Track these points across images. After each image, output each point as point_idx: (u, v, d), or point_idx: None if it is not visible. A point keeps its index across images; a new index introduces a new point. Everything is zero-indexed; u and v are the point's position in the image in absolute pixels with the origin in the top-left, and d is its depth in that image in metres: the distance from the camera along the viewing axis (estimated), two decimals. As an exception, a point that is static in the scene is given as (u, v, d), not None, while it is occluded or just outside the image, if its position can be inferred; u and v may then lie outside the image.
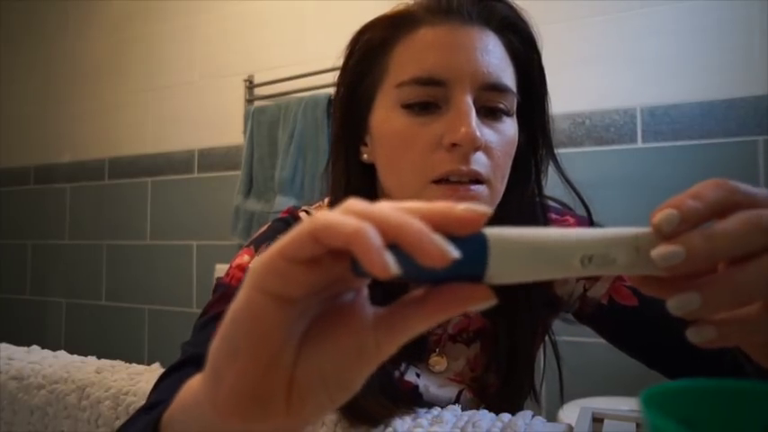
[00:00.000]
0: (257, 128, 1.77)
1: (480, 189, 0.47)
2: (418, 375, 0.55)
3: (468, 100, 0.46)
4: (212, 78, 1.98)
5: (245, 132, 1.81)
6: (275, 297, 0.22)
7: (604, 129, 1.36)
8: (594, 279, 0.56)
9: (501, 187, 0.50)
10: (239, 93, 1.88)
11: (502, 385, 0.55)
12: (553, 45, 1.61)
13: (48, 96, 2.35)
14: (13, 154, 2.43)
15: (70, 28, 2.33)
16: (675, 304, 0.24)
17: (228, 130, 1.91)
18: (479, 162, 0.46)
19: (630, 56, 1.36)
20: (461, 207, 0.21)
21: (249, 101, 1.86)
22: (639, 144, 1.33)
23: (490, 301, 0.23)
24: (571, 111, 1.38)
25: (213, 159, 1.95)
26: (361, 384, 0.24)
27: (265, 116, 1.77)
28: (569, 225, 0.58)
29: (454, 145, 0.45)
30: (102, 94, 2.22)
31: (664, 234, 0.23)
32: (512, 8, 0.52)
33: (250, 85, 1.87)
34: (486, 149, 0.47)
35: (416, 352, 0.55)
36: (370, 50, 0.51)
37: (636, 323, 0.54)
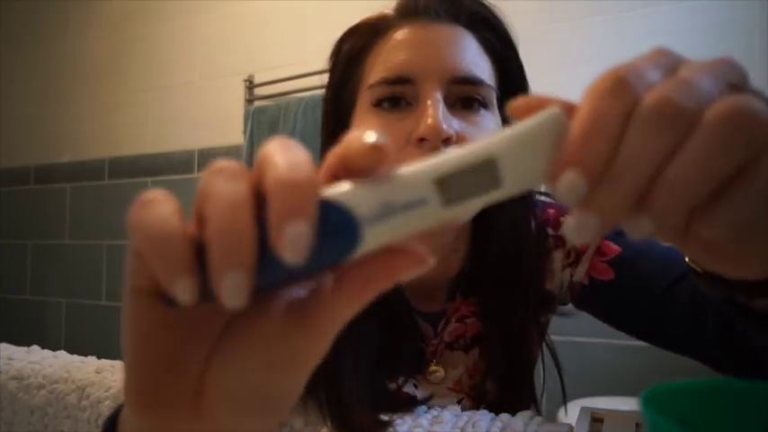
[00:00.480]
0: (257, 128, 1.77)
1: None
2: (416, 386, 0.54)
3: (436, 94, 0.45)
4: (212, 78, 1.98)
5: (245, 132, 1.81)
6: (139, 293, 0.19)
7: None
8: (576, 263, 0.55)
9: None
10: (239, 93, 1.88)
11: (501, 391, 0.54)
12: (553, 45, 1.60)
13: (48, 96, 2.35)
14: (14, 154, 2.43)
15: (70, 28, 2.33)
16: (631, 231, 0.19)
17: (228, 130, 1.91)
18: None
19: (631, 56, 1.36)
20: (355, 147, 0.18)
21: (249, 101, 1.86)
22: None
23: (430, 263, 0.19)
24: (571, 111, 1.38)
25: (213, 159, 1.95)
26: (289, 401, 0.21)
27: (265, 116, 1.77)
28: (550, 217, 0.57)
29: (422, 140, 0.44)
30: (102, 94, 2.22)
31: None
32: (482, 4, 0.52)
33: (250, 85, 1.87)
34: (462, 142, 0.45)
35: (414, 365, 0.55)
36: (349, 61, 0.52)
37: (616, 295, 0.53)
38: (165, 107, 2.06)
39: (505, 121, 0.51)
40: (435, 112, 0.44)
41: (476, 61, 0.48)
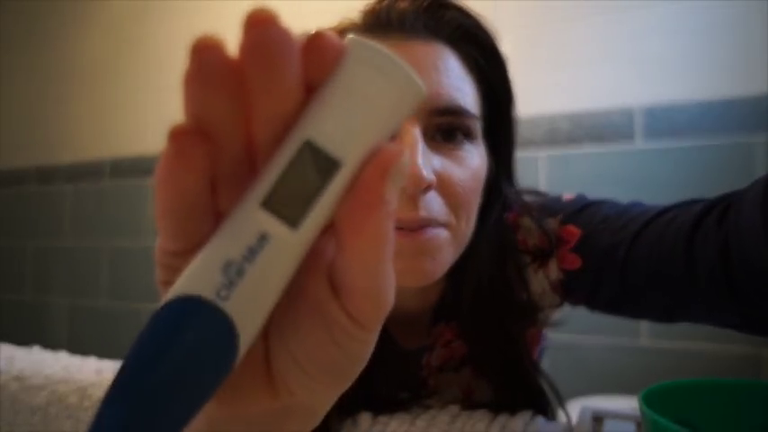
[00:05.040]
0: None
1: (437, 231, 0.41)
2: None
3: (415, 131, 0.40)
4: (212, 79, 1.98)
5: (245, 133, 1.81)
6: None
7: (604, 128, 1.36)
8: (545, 263, 0.52)
9: (466, 228, 0.44)
10: (239, 93, 1.88)
11: (500, 405, 0.52)
12: (553, 45, 1.60)
13: (48, 97, 2.36)
14: (14, 155, 2.44)
15: (70, 28, 2.33)
16: None
17: (228, 131, 1.91)
18: (432, 205, 0.40)
19: (630, 55, 1.36)
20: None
21: (249, 101, 1.86)
22: (639, 144, 1.33)
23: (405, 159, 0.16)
24: (571, 111, 1.38)
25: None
26: (355, 366, 0.19)
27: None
28: (509, 222, 0.54)
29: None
30: (102, 95, 2.22)
31: None
32: (468, 15, 0.46)
33: (250, 85, 1.87)
34: (444, 187, 0.41)
35: (409, 386, 0.54)
36: None
37: (590, 280, 0.50)
38: (166, 108, 2.06)
39: (494, 150, 0.48)
40: (414, 157, 0.38)
41: (459, 86, 0.43)
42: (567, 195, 0.54)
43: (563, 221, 0.51)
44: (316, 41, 0.16)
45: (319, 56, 0.16)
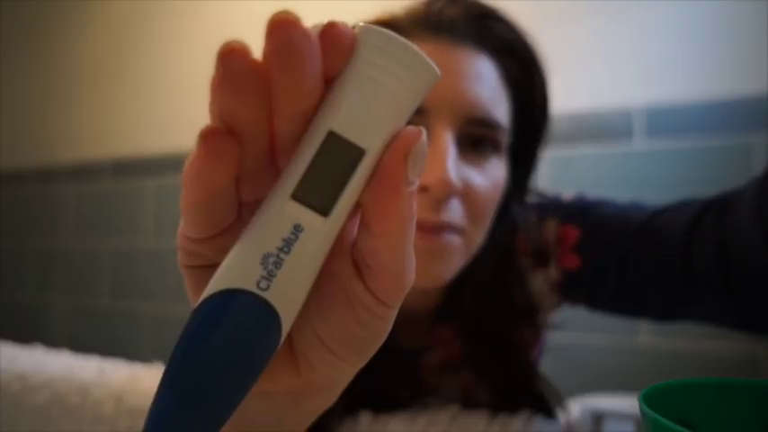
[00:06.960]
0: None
1: (452, 238, 0.42)
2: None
3: (448, 136, 0.40)
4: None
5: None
6: (193, 269, 0.21)
7: (603, 128, 1.36)
8: (544, 263, 0.52)
9: (479, 238, 0.45)
10: (240, 93, 1.88)
11: (499, 405, 0.52)
12: (553, 45, 1.60)
13: (50, 97, 2.36)
14: (15, 155, 2.44)
15: (70, 28, 2.33)
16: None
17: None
18: (453, 211, 0.41)
19: (630, 55, 1.36)
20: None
21: (249, 101, 1.86)
22: (639, 144, 1.33)
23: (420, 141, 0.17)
24: (570, 110, 1.38)
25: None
26: (376, 341, 0.20)
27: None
28: None
29: (425, 188, 0.39)
30: (102, 95, 2.22)
31: None
32: (513, 31, 0.47)
33: (250, 85, 1.87)
34: (466, 195, 0.42)
35: (408, 384, 0.54)
36: None
37: (589, 279, 0.50)
38: (168, 108, 2.06)
39: (518, 164, 0.48)
40: (445, 161, 0.39)
41: (496, 100, 0.44)
42: (567, 195, 0.55)
43: (562, 221, 0.52)
44: (330, 33, 0.17)
45: (335, 48, 0.17)
